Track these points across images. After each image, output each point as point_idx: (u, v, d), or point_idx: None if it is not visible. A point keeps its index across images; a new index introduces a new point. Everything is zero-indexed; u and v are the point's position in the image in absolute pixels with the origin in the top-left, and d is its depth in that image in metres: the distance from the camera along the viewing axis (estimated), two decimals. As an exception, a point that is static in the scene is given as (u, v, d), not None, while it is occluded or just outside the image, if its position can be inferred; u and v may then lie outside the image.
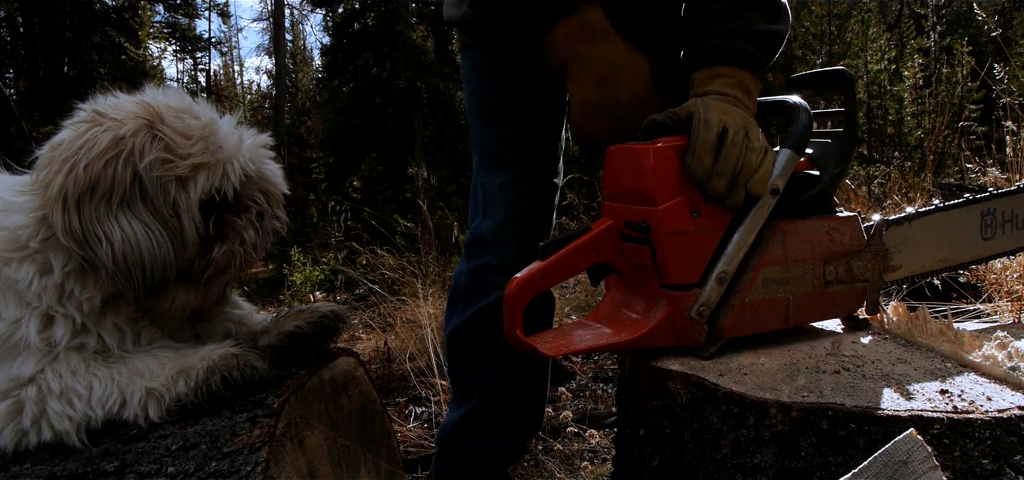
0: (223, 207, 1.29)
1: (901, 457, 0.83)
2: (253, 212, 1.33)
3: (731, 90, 1.47)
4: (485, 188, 2.08)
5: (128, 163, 1.19)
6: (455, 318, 2.13)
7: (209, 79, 25.06)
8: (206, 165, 1.25)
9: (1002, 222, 1.67)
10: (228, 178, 1.27)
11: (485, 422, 2.13)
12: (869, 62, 13.06)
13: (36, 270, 1.21)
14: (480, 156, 2.12)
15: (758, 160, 1.37)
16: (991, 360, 1.26)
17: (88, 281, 1.22)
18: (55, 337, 1.19)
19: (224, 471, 1.05)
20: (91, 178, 1.17)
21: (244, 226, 1.31)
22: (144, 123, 1.22)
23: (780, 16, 1.56)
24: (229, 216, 1.30)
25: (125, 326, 1.27)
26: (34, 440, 1.17)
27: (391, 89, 18.37)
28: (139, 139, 1.21)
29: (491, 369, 2.09)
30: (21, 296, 1.20)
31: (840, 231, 1.47)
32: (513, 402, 2.15)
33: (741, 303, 1.39)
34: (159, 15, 19.06)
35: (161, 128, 1.23)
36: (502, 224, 2.02)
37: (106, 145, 1.19)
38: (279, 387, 1.24)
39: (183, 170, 1.23)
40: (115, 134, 1.20)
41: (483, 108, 2.10)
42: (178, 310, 1.32)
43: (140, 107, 1.25)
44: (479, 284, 2.05)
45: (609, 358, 3.97)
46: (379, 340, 4.89)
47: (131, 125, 1.22)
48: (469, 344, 2.11)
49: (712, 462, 1.20)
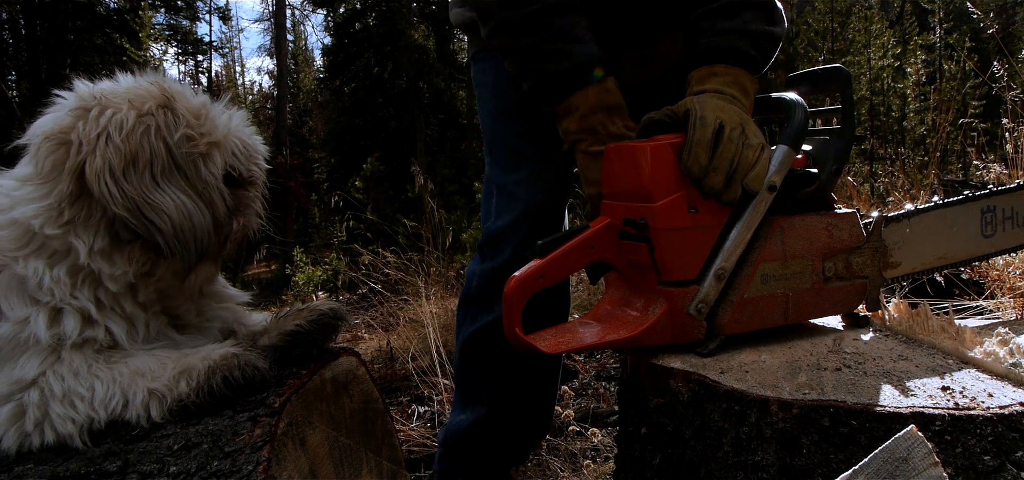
0: (234, 183, 1.34)
1: (902, 454, 0.83)
2: (259, 185, 1.39)
3: (728, 88, 1.47)
4: (502, 187, 2.07)
5: (160, 136, 1.23)
6: (470, 323, 2.11)
7: (210, 80, 25.08)
8: (218, 142, 1.30)
9: (1003, 219, 1.67)
10: (236, 155, 1.32)
11: (496, 430, 2.13)
12: (872, 59, 13.05)
13: (45, 263, 1.21)
14: (495, 155, 2.12)
15: (754, 156, 1.38)
16: (993, 357, 1.26)
17: (120, 256, 1.24)
18: (65, 331, 1.20)
19: (226, 470, 1.05)
20: (132, 150, 1.20)
21: (253, 199, 1.38)
22: (162, 101, 1.26)
23: (776, 18, 1.57)
24: (239, 190, 1.36)
25: (139, 312, 1.29)
26: (37, 442, 1.17)
27: (393, 89, 18.39)
28: (161, 116, 1.24)
29: (505, 379, 2.08)
30: (29, 293, 1.21)
31: (839, 227, 1.47)
32: (524, 411, 2.15)
33: (739, 299, 1.39)
34: (160, 16, 19.10)
35: (176, 106, 1.27)
36: (519, 220, 2.01)
37: (133, 121, 1.22)
38: (280, 386, 1.24)
39: (203, 147, 1.28)
40: (138, 111, 1.23)
41: (502, 105, 2.10)
42: (200, 283, 1.37)
43: (151, 87, 1.29)
44: (494, 289, 2.03)
45: (611, 357, 3.97)
46: (381, 340, 4.89)
47: (150, 103, 1.25)
48: (485, 352, 2.09)
49: (713, 460, 1.20)
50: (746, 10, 1.53)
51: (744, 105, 1.48)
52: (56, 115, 1.26)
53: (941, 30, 13.10)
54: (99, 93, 1.27)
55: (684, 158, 1.36)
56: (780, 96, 1.47)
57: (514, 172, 2.03)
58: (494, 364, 2.08)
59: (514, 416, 2.13)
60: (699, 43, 1.57)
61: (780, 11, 1.59)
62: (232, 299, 1.52)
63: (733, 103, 1.45)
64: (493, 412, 2.10)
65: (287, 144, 25.24)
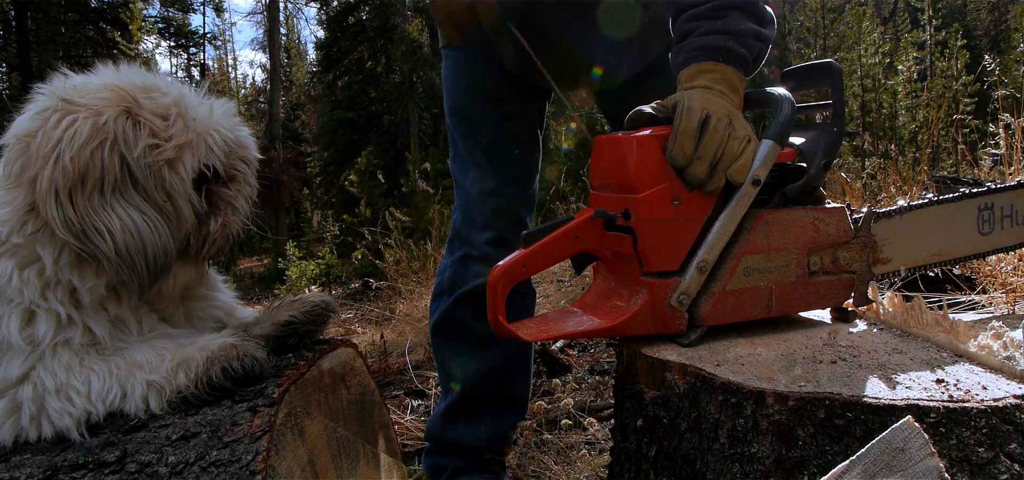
0: (212, 180, 1.29)
1: (899, 444, 0.83)
2: (240, 181, 1.33)
3: (717, 85, 1.49)
4: (459, 184, 2.17)
5: (114, 150, 1.17)
6: (439, 309, 2.18)
7: (203, 73, 24.94)
8: (189, 143, 1.24)
9: (1000, 217, 1.68)
10: (213, 151, 1.26)
11: (471, 408, 2.17)
12: (863, 56, 13.09)
13: (15, 265, 1.18)
14: (454, 152, 2.19)
15: (740, 148, 1.39)
16: (986, 350, 1.27)
17: (88, 271, 1.20)
18: (37, 334, 1.17)
19: (225, 460, 1.06)
20: (80, 169, 1.14)
21: (234, 196, 1.31)
22: (122, 109, 1.20)
23: (766, 19, 1.58)
24: (218, 188, 1.30)
25: (128, 314, 1.26)
26: (34, 436, 1.16)
27: (386, 83, 18.34)
28: (119, 125, 1.18)
29: (474, 354, 2.14)
30: (2, 293, 1.17)
31: (826, 222, 1.48)
32: (498, 386, 2.19)
33: (722, 291, 1.40)
34: (153, 9, 18.99)
35: (139, 112, 1.21)
36: (476, 219, 2.10)
37: (87, 134, 1.16)
38: (279, 377, 1.25)
39: (170, 152, 1.21)
40: (94, 122, 1.17)
41: (456, 108, 2.18)
42: (180, 289, 1.33)
43: (113, 92, 1.22)
44: (461, 274, 2.10)
45: (605, 350, 3.98)
46: (375, 334, 4.89)
47: (110, 112, 1.19)
48: (452, 331, 2.17)
49: (709, 452, 1.20)
50: (733, 10, 1.54)
51: (733, 101, 1.49)
52: (28, 115, 1.22)
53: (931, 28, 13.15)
54: (64, 94, 1.21)
55: (669, 146, 1.38)
56: (767, 91, 1.49)
57: (467, 175, 2.11)
58: (460, 341, 2.15)
59: (488, 390, 2.18)
60: (687, 42, 1.58)
61: (769, 13, 1.60)
62: (222, 292, 1.51)
63: (721, 98, 1.46)
64: (467, 388, 2.17)
65: (280, 138, 25.15)
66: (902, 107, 12.36)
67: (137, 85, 1.25)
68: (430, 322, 2.23)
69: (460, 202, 2.16)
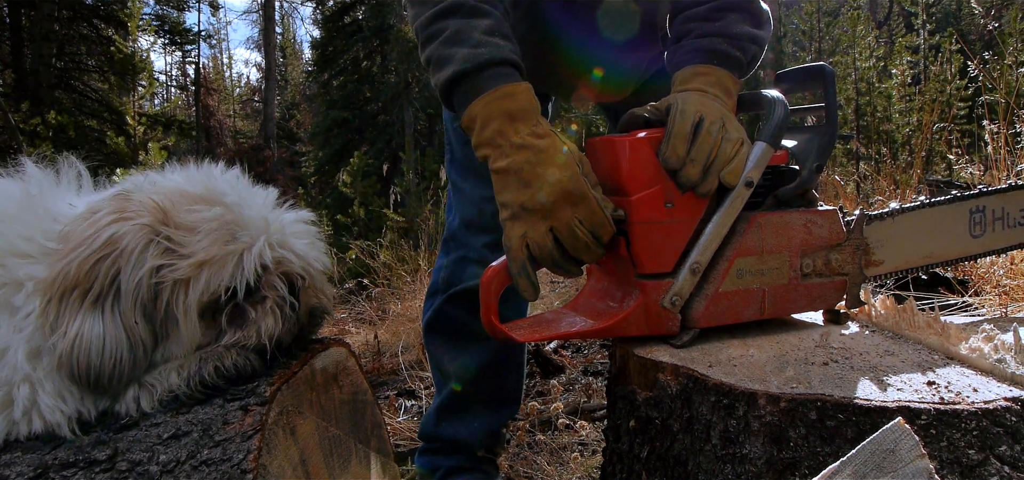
0: (245, 294, 1.24)
1: (889, 446, 0.84)
2: (269, 302, 1.27)
3: (711, 87, 1.49)
4: (457, 187, 2.16)
5: (114, 265, 1.16)
6: (432, 306, 2.19)
7: (198, 72, 24.87)
8: (211, 261, 1.19)
9: (992, 220, 1.69)
10: (242, 269, 1.21)
11: (463, 404, 2.18)
12: (858, 59, 13.13)
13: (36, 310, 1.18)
14: (451, 156, 2.19)
15: (733, 150, 1.39)
16: (978, 353, 1.27)
17: None
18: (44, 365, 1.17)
19: (216, 458, 1.05)
20: (77, 278, 1.14)
21: (262, 316, 1.26)
22: (146, 226, 1.18)
23: (762, 21, 1.58)
24: (247, 305, 1.25)
25: None
26: (25, 431, 1.15)
27: (382, 82, 18.31)
28: (132, 241, 1.16)
29: (467, 351, 2.14)
30: (14, 324, 1.17)
31: (818, 224, 1.48)
32: (491, 381, 2.19)
33: (715, 293, 1.41)
34: (148, 7, 18.93)
35: (164, 229, 1.18)
36: (475, 223, 2.09)
37: (101, 244, 1.16)
38: (271, 376, 1.24)
39: (184, 271, 1.18)
40: (114, 232, 1.17)
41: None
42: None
43: (151, 205, 1.20)
44: (457, 274, 2.10)
45: (599, 351, 3.98)
46: (369, 333, 4.88)
47: (131, 226, 1.17)
48: (445, 328, 2.17)
49: (701, 452, 1.21)
50: (729, 13, 1.54)
51: (727, 104, 1.49)
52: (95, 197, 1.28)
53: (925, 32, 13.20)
54: (117, 196, 1.24)
55: (663, 149, 1.38)
56: (760, 93, 1.49)
57: (470, 176, 2.11)
58: (453, 339, 2.16)
59: (481, 386, 2.18)
60: (682, 45, 1.58)
61: (766, 14, 1.60)
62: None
63: (715, 101, 1.46)
64: (459, 387, 2.17)
65: (275, 138, 25.12)
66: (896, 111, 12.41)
67: (187, 193, 1.23)
68: (423, 320, 2.24)
69: (458, 205, 2.15)
